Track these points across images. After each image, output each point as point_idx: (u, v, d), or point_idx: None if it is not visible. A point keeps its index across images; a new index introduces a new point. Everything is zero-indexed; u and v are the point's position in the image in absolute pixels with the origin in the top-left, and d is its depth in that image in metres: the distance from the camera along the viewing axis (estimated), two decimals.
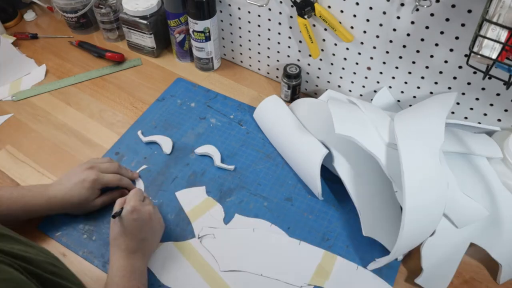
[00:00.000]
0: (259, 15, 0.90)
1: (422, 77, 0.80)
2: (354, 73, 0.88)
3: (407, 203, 0.63)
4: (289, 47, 0.92)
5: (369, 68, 0.85)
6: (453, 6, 0.67)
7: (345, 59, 0.86)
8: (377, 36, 0.78)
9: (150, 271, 0.70)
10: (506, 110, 0.76)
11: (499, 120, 0.78)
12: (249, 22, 0.93)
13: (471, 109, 0.80)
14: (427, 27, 0.72)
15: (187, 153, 0.87)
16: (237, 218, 0.77)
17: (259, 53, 0.99)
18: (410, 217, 0.63)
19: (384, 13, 0.74)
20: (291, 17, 0.86)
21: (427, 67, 0.78)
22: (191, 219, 0.77)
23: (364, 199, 0.75)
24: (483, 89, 0.75)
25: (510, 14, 0.55)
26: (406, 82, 0.83)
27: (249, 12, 0.91)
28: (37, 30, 1.16)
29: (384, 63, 0.82)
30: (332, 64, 0.89)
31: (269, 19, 0.89)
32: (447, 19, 0.69)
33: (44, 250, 0.57)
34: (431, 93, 0.81)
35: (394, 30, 0.76)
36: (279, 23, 0.89)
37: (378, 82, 0.87)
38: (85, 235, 0.75)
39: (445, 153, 0.72)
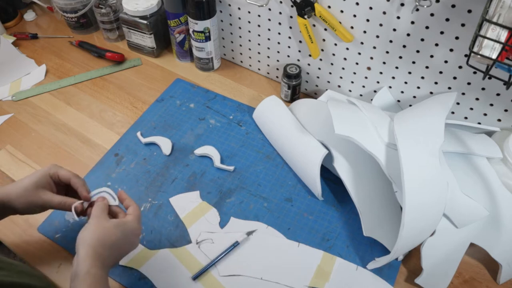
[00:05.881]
0: (259, 15, 0.90)
1: (422, 77, 0.80)
2: (354, 73, 0.88)
3: (407, 203, 0.63)
4: (289, 47, 0.92)
5: (369, 68, 0.85)
6: (453, 6, 0.67)
7: (345, 59, 0.86)
8: (377, 36, 0.78)
9: (147, 279, 0.70)
10: (506, 110, 0.76)
11: (499, 120, 0.78)
12: (249, 22, 0.93)
13: (471, 109, 0.79)
14: (427, 27, 0.72)
15: (187, 154, 0.87)
16: (232, 221, 0.77)
17: (259, 53, 0.99)
18: (410, 217, 0.63)
19: (384, 13, 0.74)
20: (291, 17, 0.86)
21: (427, 67, 0.78)
22: (186, 225, 0.76)
23: (365, 199, 0.75)
24: (483, 89, 0.75)
25: (510, 14, 0.55)
26: (406, 82, 0.83)
27: (249, 12, 0.91)
28: (37, 30, 1.16)
29: (384, 63, 0.82)
30: (332, 64, 0.89)
31: (269, 19, 0.89)
32: (447, 19, 0.69)
33: (26, 269, 0.57)
34: (431, 93, 0.81)
35: (394, 30, 0.75)
36: (279, 23, 0.89)
37: (378, 82, 0.86)
38: None
39: (445, 153, 0.72)
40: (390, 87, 0.86)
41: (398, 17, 0.73)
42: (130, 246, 0.63)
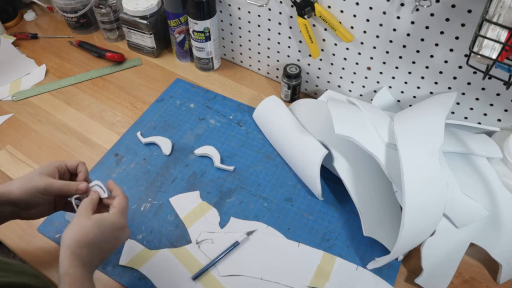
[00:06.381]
0: (259, 15, 0.90)
1: (422, 77, 0.80)
2: (354, 73, 0.88)
3: (407, 203, 0.62)
4: (289, 47, 0.92)
5: (369, 68, 0.85)
6: (453, 6, 0.67)
7: (345, 59, 0.86)
8: (377, 36, 0.78)
9: (147, 279, 0.70)
10: (506, 110, 0.76)
11: (499, 120, 0.78)
12: (249, 22, 0.93)
13: (471, 109, 0.79)
14: (427, 27, 0.72)
15: (187, 154, 0.87)
16: (232, 221, 0.77)
17: (259, 53, 0.99)
18: (410, 217, 0.63)
19: (384, 13, 0.74)
20: (291, 17, 0.86)
21: (427, 67, 0.78)
22: (186, 225, 0.76)
23: (365, 199, 0.75)
24: (483, 89, 0.75)
25: (510, 14, 0.55)
26: (406, 82, 0.83)
27: (249, 12, 0.91)
28: (37, 30, 1.16)
29: (384, 63, 0.82)
30: (332, 64, 0.89)
31: (269, 19, 0.89)
32: (447, 19, 0.69)
33: (24, 268, 0.57)
34: (431, 93, 0.81)
35: (394, 30, 0.75)
36: (279, 23, 0.89)
37: (378, 82, 0.86)
38: None
39: (445, 153, 0.72)
40: (390, 87, 0.86)
41: (398, 17, 0.73)
42: (115, 241, 0.61)
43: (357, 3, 0.76)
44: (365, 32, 0.79)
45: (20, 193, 0.62)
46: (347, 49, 0.84)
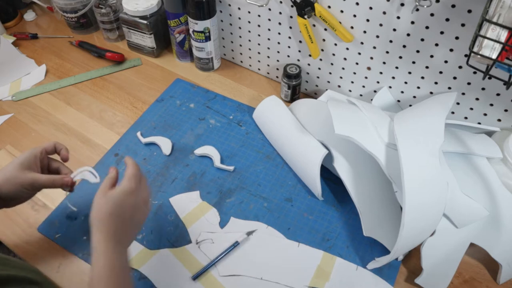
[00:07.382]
0: (259, 15, 0.90)
1: (422, 77, 0.80)
2: (354, 73, 0.88)
3: (407, 203, 0.63)
4: (289, 47, 0.92)
5: (369, 68, 0.85)
6: (453, 6, 0.67)
7: (345, 59, 0.86)
8: (377, 36, 0.78)
9: (147, 279, 0.70)
10: (506, 110, 0.76)
11: (499, 120, 0.78)
12: (249, 22, 0.93)
13: (471, 109, 0.79)
14: (427, 27, 0.72)
15: (187, 154, 0.87)
16: (232, 221, 0.77)
17: (259, 53, 0.99)
18: (410, 217, 0.63)
19: (384, 13, 0.74)
20: (291, 17, 0.86)
21: (427, 67, 0.78)
22: (186, 225, 0.76)
23: (365, 199, 0.75)
24: (483, 89, 0.75)
25: (510, 14, 0.55)
26: (406, 82, 0.83)
27: (249, 12, 0.91)
28: (37, 30, 1.16)
29: (384, 63, 0.82)
30: (332, 64, 0.89)
31: (269, 19, 0.89)
32: (447, 19, 0.69)
33: (23, 264, 0.57)
34: (431, 93, 0.81)
35: (394, 30, 0.75)
36: (279, 23, 0.89)
37: (378, 82, 0.86)
38: (85, 237, 0.75)
39: (445, 153, 0.72)
40: (390, 87, 0.86)
41: (398, 17, 0.73)
42: (134, 209, 0.62)
43: (357, 3, 0.76)
44: (365, 32, 0.79)
45: (5, 190, 0.63)
46: (347, 49, 0.84)
